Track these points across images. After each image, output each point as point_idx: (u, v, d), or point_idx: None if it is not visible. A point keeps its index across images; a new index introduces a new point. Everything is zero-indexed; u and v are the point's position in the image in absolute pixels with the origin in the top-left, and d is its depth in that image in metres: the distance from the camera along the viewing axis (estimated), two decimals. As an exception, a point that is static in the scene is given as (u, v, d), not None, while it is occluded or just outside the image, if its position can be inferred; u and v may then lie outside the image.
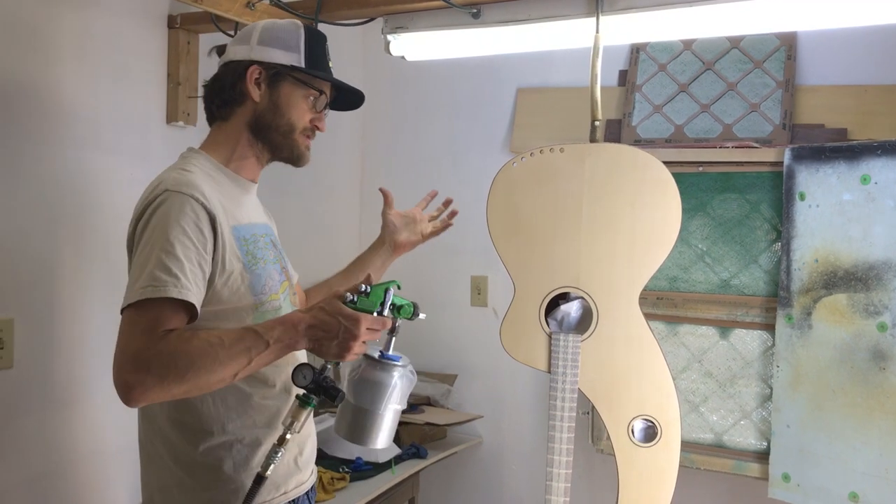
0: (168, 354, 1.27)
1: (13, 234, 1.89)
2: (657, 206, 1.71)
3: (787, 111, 2.50)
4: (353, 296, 1.39)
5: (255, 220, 1.58)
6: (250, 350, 1.31)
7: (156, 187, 1.42)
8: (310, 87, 1.57)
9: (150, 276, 1.30)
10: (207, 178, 1.49)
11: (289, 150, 1.58)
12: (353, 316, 1.35)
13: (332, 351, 1.36)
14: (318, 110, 1.59)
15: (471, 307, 3.06)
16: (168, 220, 1.35)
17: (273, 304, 1.51)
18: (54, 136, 1.98)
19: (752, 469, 2.32)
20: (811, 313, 2.18)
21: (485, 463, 3.05)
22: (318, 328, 1.35)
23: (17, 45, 1.89)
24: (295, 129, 1.56)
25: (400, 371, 1.42)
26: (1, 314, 1.86)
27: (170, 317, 1.31)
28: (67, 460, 2.04)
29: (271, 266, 1.55)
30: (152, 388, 1.26)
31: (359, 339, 1.35)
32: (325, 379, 1.36)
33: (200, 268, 1.36)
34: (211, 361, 1.28)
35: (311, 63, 1.56)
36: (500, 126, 3.02)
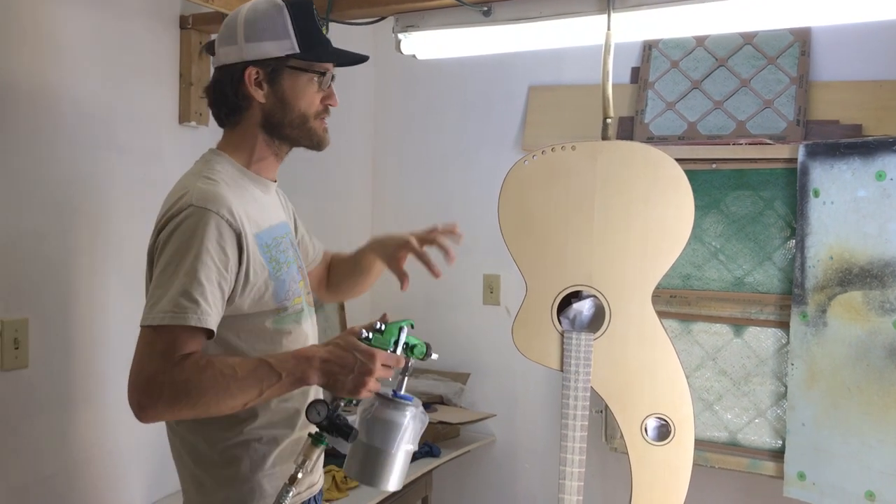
0: (182, 382, 1.29)
1: (28, 234, 1.90)
2: (670, 203, 1.70)
3: (801, 107, 2.49)
4: (367, 332, 1.39)
5: (275, 220, 1.56)
6: (262, 382, 1.32)
7: (180, 198, 1.41)
8: (311, 70, 1.51)
9: (173, 302, 1.31)
10: (233, 185, 1.47)
11: (307, 139, 1.54)
12: (369, 351, 1.35)
13: (346, 387, 1.34)
14: (324, 88, 1.54)
15: (483, 306, 3.06)
16: (193, 239, 1.35)
17: (296, 308, 1.52)
18: (68, 137, 1.99)
19: (767, 468, 2.30)
20: (826, 311, 2.16)
21: (498, 461, 3.05)
22: (333, 363, 1.35)
23: (31, 46, 1.90)
24: (308, 118, 1.52)
25: (413, 411, 1.40)
26: (16, 314, 1.87)
27: (187, 341, 1.32)
28: (82, 459, 2.05)
29: (293, 267, 1.55)
30: (163, 412, 1.33)
31: (374, 375, 1.34)
32: (338, 416, 1.35)
33: (220, 288, 1.37)
34: (222, 392, 1.31)
35: (306, 44, 1.49)
36: (511, 124, 3.02)
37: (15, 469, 1.89)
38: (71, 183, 2.00)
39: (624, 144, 1.77)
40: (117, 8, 2.10)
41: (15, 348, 1.86)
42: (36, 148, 1.91)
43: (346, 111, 3.14)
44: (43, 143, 1.93)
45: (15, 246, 1.87)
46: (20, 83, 1.88)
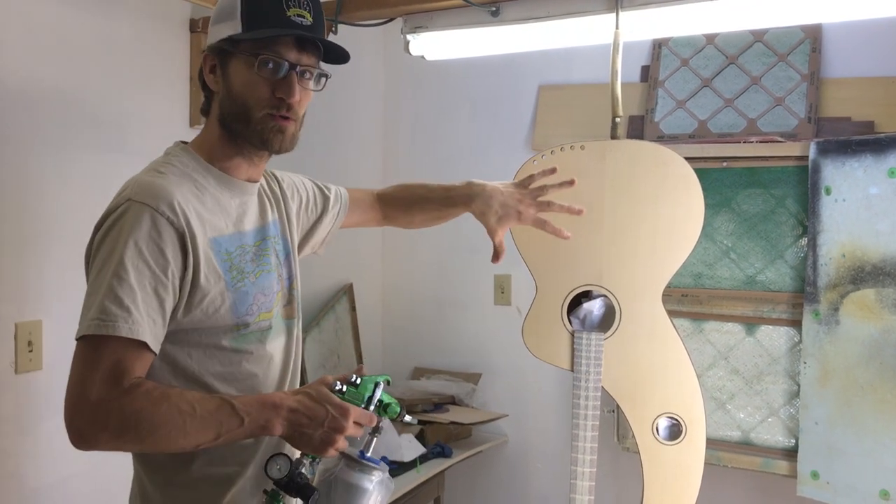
0: (131, 414, 1.14)
1: (41, 237, 1.91)
2: (679, 202, 1.70)
3: (813, 104, 2.47)
4: (341, 385, 1.27)
5: (248, 226, 1.37)
6: (221, 425, 1.18)
7: (121, 192, 1.26)
8: (257, 53, 1.26)
9: (100, 308, 1.15)
10: (187, 180, 1.29)
11: (256, 137, 1.30)
12: (342, 406, 1.22)
13: (312, 442, 1.21)
14: (278, 77, 1.28)
15: (494, 306, 3.06)
16: (124, 237, 1.18)
17: (261, 325, 1.34)
18: (79, 141, 2.01)
19: (781, 467, 2.29)
20: (838, 309, 2.15)
21: (510, 462, 3.05)
22: (301, 413, 1.21)
23: (43, 50, 1.91)
24: (249, 110, 1.28)
25: (379, 476, 1.28)
26: (30, 316, 1.89)
27: (131, 360, 1.17)
28: (97, 461, 2.05)
29: (268, 277, 1.37)
30: (105, 443, 1.17)
31: (344, 432, 1.21)
32: (299, 474, 1.22)
33: (157, 296, 1.19)
34: (176, 430, 1.16)
35: (250, 23, 1.26)
36: (521, 124, 3.02)
37: (30, 471, 1.90)
38: (83, 186, 2.01)
39: (633, 143, 1.76)
40: (128, 12, 2.11)
41: (29, 351, 1.87)
42: (47, 151, 1.93)
43: (355, 112, 3.15)
44: (54, 146, 1.95)
45: (28, 249, 1.88)
46: (32, 88, 1.89)
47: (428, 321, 3.21)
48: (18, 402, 1.87)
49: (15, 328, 1.85)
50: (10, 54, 1.84)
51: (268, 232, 1.41)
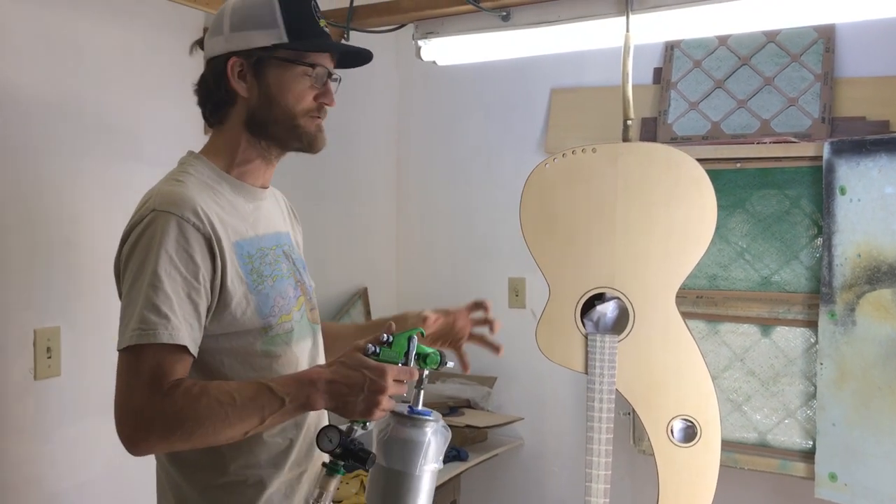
0: (174, 414, 1.18)
1: (59, 244, 1.94)
2: (692, 204, 1.69)
3: (827, 104, 2.46)
4: (374, 347, 1.26)
5: (262, 231, 1.41)
6: (263, 409, 1.20)
7: (144, 204, 1.31)
8: (301, 63, 1.36)
9: (140, 318, 1.20)
10: (205, 188, 1.34)
11: (297, 140, 1.38)
12: (378, 367, 1.22)
13: (357, 408, 1.22)
14: (319, 85, 1.38)
15: (509, 309, 3.06)
16: (154, 247, 1.23)
17: (284, 327, 1.37)
18: (96, 150, 2.03)
19: (798, 469, 2.28)
20: (854, 309, 2.14)
21: (526, 465, 3.05)
22: (340, 383, 1.22)
23: (59, 61, 1.94)
24: (295, 115, 1.36)
25: (433, 426, 1.28)
26: (48, 323, 1.91)
27: (170, 364, 1.21)
28: (115, 465, 2.08)
29: (284, 282, 1.40)
30: (156, 446, 1.23)
31: (386, 393, 1.21)
32: (352, 441, 1.23)
33: (191, 301, 1.24)
34: (220, 422, 1.19)
35: (295, 33, 1.34)
36: (534, 127, 3.02)
37: (50, 476, 1.92)
38: (99, 194, 2.03)
39: (645, 146, 1.77)
40: (142, 21, 2.14)
41: (48, 357, 1.89)
42: (63, 160, 1.95)
43: (369, 117, 3.17)
44: (70, 155, 1.97)
45: (46, 256, 1.91)
46: (47, 97, 1.92)
47: (443, 325, 3.21)
48: (38, 407, 1.89)
49: (34, 335, 1.87)
50: (26, 64, 1.87)
51: (282, 240, 1.46)
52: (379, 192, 3.28)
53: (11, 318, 1.84)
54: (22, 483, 1.86)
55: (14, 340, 1.84)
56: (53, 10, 1.92)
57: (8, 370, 1.83)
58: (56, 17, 1.93)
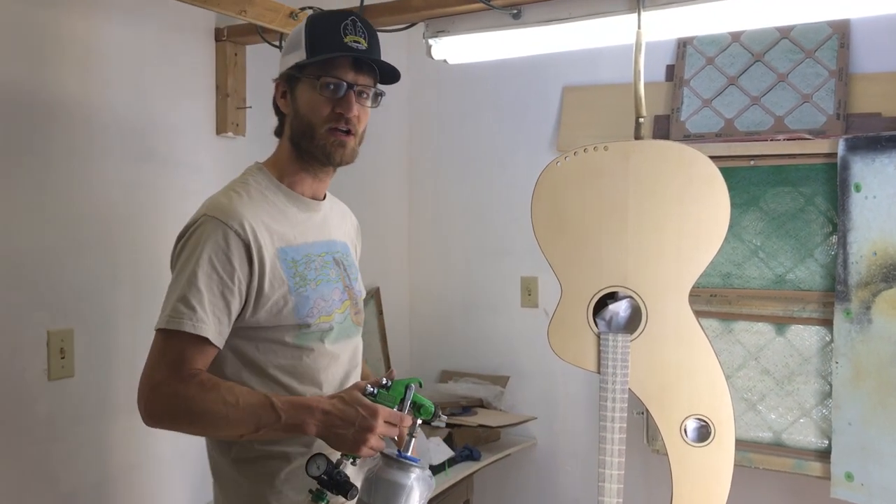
0: (184, 398, 1.32)
1: (72, 246, 1.94)
2: (705, 202, 1.68)
3: (842, 101, 2.44)
4: (373, 388, 1.37)
5: (313, 238, 1.53)
6: (260, 419, 1.32)
7: (200, 210, 1.45)
8: (317, 77, 1.45)
9: (173, 307, 1.35)
10: (260, 199, 1.47)
11: (319, 151, 1.47)
12: (372, 407, 1.32)
13: (346, 442, 1.32)
14: (338, 96, 1.45)
15: (521, 308, 3.05)
16: (199, 248, 1.37)
17: (321, 327, 1.48)
18: (108, 150, 2.04)
19: (814, 468, 2.26)
20: (870, 307, 2.12)
21: (539, 464, 3.04)
22: (334, 416, 1.32)
23: (71, 63, 1.94)
24: (314, 127, 1.46)
25: (417, 473, 1.35)
26: (62, 325, 1.92)
27: (194, 352, 1.35)
28: (128, 466, 2.09)
29: (329, 286, 1.51)
30: (165, 423, 1.37)
31: (375, 432, 1.31)
32: (339, 473, 1.32)
33: (223, 298, 1.37)
34: (220, 418, 1.32)
35: (313, 49, 1.44)
36: (546, 125, 3.01)
37: (63, 476, 1.93)
38: (112, 195, 2.04)
39: (657, 143, 1.76)
40: (154, 22, 2.14)
41: (61, 358, 1.90)
42: (77, 161, 1.96)
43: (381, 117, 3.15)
44: (83, 156, 1.98)
45: (59, 258, 1.92)
46: (60, 98, 1.92)
47: (455, 324, 3.21)
48: (51, 408, 1.90)
49: (48, 336, 1.88)
50: (38, 66, 1.88)
51: (335, 248, 1.59)
52: (391, 192, 3.28)
53: (25, 320, 1.85)
54: (36, 483, 1.87)
55: (28, 341, 1.85)
56: (66, 11, 1.93)
57: (22, 371, 1.84)
58: (68, 20, 1.93)
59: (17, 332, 1.83)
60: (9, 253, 1.81)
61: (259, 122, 2.38)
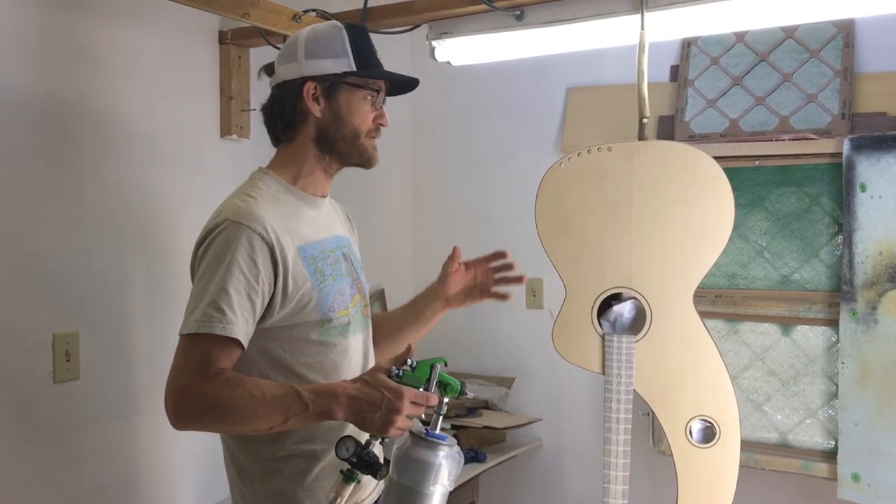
0: (212, 397, 1.34)
1: (77, 249, 1.95)
2: (709, 202, 1.68)
3: (847, 100, 2.43)
4: (398, 370, 1.38)
5: (325, 234, 1.59)
6: (288, 409, 1.34)
7: (218, 215, 1.48)
8: (366, 88, 1.57)
9: (202, 311, 1.37)
10: (273, 201, 1.51)
11: (358, 156, 1.59)
12: (397, 389, 1.34)
13: (374, 424, 1.34)
14: (377, 108, 1.60)
15: (526, 309, 3.05)
16: (224, 251, 1.41)
17: (342, 321, 1.54)
18: (113, 154, 2.04)
19: (820, 469, 2.26)
20: (876, 307, 2.11)
21: (545, 466, 3.04)
22: (360, 400, 1.34)
23: (75, 66, 1.95)
24: (360, 133, 1.57)
25: (446, 451, 1.37)
26: (67, 327, 1.92)
27: (219, 353, 1.37)
28: (134, 468, 2.10)
29: (342, 280, 1.57)
30: (194, 424, 1.39)
31: (402, 413, 1.33)
32: (367, 453, 1.34)
33: (250, 300, 1.40)
34: (248, 412, 1.34)
35: (362, 62, 1.55)
36: (550, 126, 3.00)
37: (69, 479, 1.94)
38: (117, 198, 2.05)
39: (661, 144, 1.75)
40: (157, 25, 2.15)
41: (66, 360, 1.91)
42: (81, 164, 1.97)
43: (385, 119, 3.16)
44: (88, 159, 1.98)
45: (64, 260, 1.92)
46: (66, 102, 1.93)
47: (460, 325, 3.21)
48: (57, 410, 1.90)
49: (53, 338, 1.88)
50: (42, 70, 1.88)
51: (341, 242, 1.64)
52: (395, 194, 3.28)
53: (30, 322, 1.85)
54: (41, 486, 1.88)
55: (33, 344, 1.86)
56: (69, 15, 1.93)
57: (27, 373, 1.85)
58: (72, 22, 1.94)
59: (22, 335, 1.84)
60: (14, 255, 1.82)
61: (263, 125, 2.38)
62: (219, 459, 1.60)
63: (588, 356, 1.76)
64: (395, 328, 1.82)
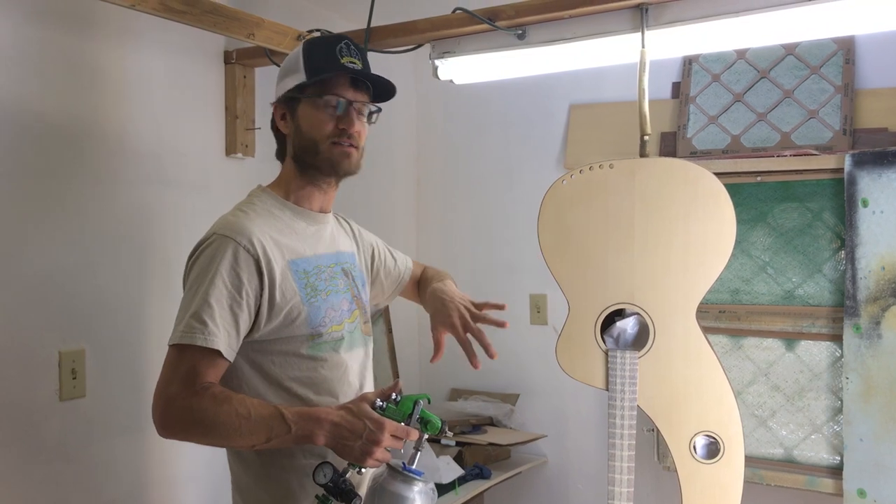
0: (197, 411, 1.37)
1: (84, 267, 1.96)
2: (711, 218, 1.69)
3: (848, 116, 2.44)
4: (382, 402, 1.42)
5: (322, 250, 1.61)
6: (271, 430, 1.37)
7: (210, 229, 1.51)
8: (321, 97, 1.54)
9: (186, 323, 1.40)
10: (267, 216, 1.54)
11: (323, 163, 1.56)
12: (379, 421, 1.38)
13: (353, 453, 1.37)
14: (339, 113, 1.55)
15: (531, 326, 3.05)
16: (210, 264, 1.43)
17: (333, 336, 1.55)
18: (120, 172, 2.06)
19: (826, 485, 2.25)
20: (880, 322, 2.11)
21: (550, 483, 3.03)
22: (343, 427, 1.38)
23: (83, 86, 1.97)
24: (317, 142, 1.54)
25: (420, 486, 1.41)
26: (73, 345, 1.93)
27: (206, 366, 1.39)
28: (139, 486, 2.10)
29: (339, 296, 1.58)
30: (178, 434, 1.41)
31: (381, 445, 1.36)
32: (344, 481, 1.38)
33: (232, 312, 1.42)
34: (232, 429, 1.36)
35: (312, 71, 1.53)
36: (553, 143, 3.02)
37: (75, 497, 1.94)
38: (122, 216, 2.06)
39: (662, 161, 1.76)
40: (163, 45, 2.17)
41: (73, 378, 1.92)
42: (88, 183, 1.99)
43: (389, 136, 3.19)
44: (95, 178, 2.00)
45: (70, 279, 1.93)
46: (73, 121, 1.95)
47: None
48: (63, 428, 1.91)
49: (59, 356, 1.90)
50: (51, 90, 1.90)
51: (342, 258, 1.66)
52: (399, 211, 3.29)
53: (36, 340, 1.86)
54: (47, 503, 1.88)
55: (39, 362, 1.87)
56: (76, 35, 1.96)
57: (33, 391, 1.86)
58: (78, 43, 1.96)
59: (28, 353, 1.85)
60: (21, 274, 1.83)
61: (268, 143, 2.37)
62: (224, 476, 1.61)
63: (591, 372, 1.76)
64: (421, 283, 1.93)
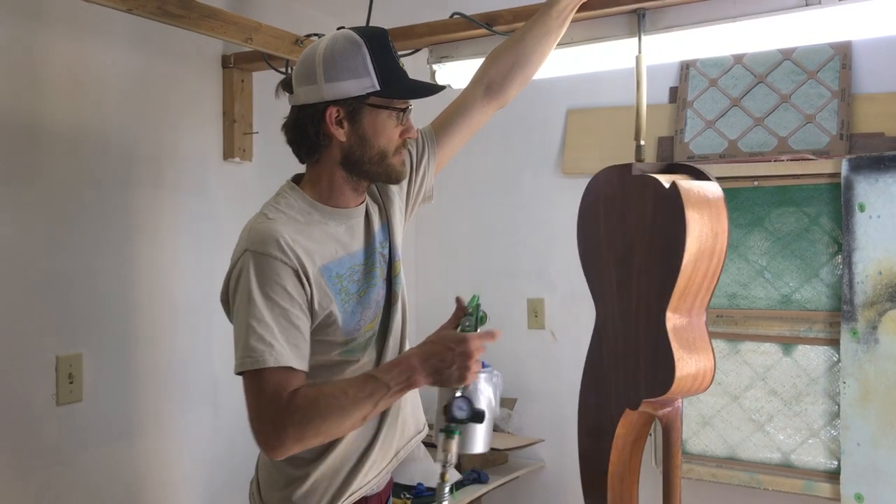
0: (300, 419, 1.36)
1: (81, 271, 1.96)
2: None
3: (844, 121, 2.45)
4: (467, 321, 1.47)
5: (356, 247, 1.55)
6: (373, 395, 1.37)
7: (239, 243, 1.46)
8: (391, 108, 1.49)
9: (247, 347, 1.37)
10: (295, 220, 1.48)
11: (386, 175, 1.54)
12: (460, 338, 1.40)
13: (453, 377, 1.38)
14: (404, 123, 1.53)
15: (528, 330, 3.05)
16: (254, 285, 1.39)
17: (365, 336, 1.54)
18: (117, 177, 2.06)
19: (823, 489, 2.25)
20: (877, 327, 2.12)
21: (547, 487, 3.02)
22: (432, 359, 1.39)
23: (80, 91, 1.97)
24: (387, 154, 1.51)
25: (486, 376, 1.47)
26: (70, 349, 1.93)
27: (285, 381, 1.38)
28: (136, 490, 2.10)
29: (375, 289, 1.56)
30: (293, 448, 1.38)
31: (474, 357, 1.39)
32: (471, 404, 1.40)
33: (293, 324, 1.40)
34: (339, 414, 1.37)
35: (385, 80, 1.46)
36: (551, 148, 3.02)
37: (71, 500, 1.94)
38: (121, 221, 2.06)
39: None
40: (161, 50, 2.17)
41: (70, 383, 1.91)
42: (86, 187, 1.99)
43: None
44: (93, 182, 2.00)
45: (68, 283, 1.93)
46: (70, 125, 1.95)
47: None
48: (60, 433, 1.91)
49: (56, 361, 1.89)
50: (52, 95, 1.90)
51: (375, 244, 1.60)
52: (397, 215, 3.29)
53: (33, 345, 1.86)
54: (44, 508, 1.88)
55: (36, 366, 1.87)
56: (74, 40, 1.96)
57: (30, 396, 1.85)
58: (77, 48, 1.96)
59: (25, 358, 1.85)
60: (18, 279, 1.83)
61: (265, 148, 2.40)
62: (221, 481, 1.61)
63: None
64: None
